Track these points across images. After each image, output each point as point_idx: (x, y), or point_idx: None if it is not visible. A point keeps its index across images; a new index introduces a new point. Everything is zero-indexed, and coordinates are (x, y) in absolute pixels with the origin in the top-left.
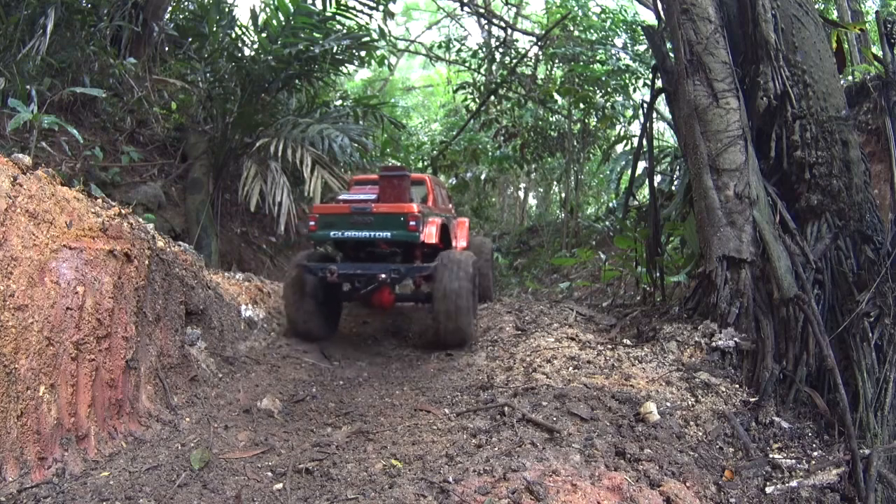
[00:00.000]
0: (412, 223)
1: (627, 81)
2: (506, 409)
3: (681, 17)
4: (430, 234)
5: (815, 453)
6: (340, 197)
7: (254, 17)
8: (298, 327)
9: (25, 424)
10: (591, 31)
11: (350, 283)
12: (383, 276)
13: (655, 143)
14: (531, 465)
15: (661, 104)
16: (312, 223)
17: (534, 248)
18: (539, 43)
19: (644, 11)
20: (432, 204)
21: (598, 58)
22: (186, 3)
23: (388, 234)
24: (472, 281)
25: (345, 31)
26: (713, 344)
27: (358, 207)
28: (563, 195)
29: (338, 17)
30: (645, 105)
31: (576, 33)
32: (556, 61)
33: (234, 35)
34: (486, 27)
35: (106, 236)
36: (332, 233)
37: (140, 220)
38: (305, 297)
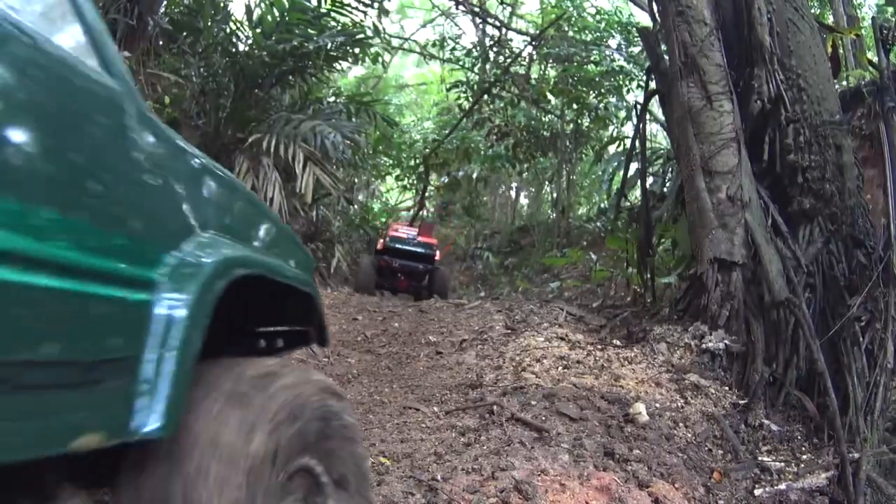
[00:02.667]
0: (434, 246)
1: (621, 82)
2: (495, 407)
3: (676, 18)
4: (438, 253)
5: (805, 456)
6: (401, 229)
7: (248, 12)
8: (361, 283)
9: None
10: (586, 31)
11: (401, 269)
12: (420, 266)
13: (648, 144)
14: (520, 465)
15: (655, 106)
16: (389, 237)
17: (525, 248)
18: (533, 43)
19: (639, 13)
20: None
21: (592, 58)
22: None
23: (423, 249)
24: (448, 275)
25: (339, 27)
26: (703, 346)
27: (410, 235)
28: (555, 195)
29: (332, 14)
30: (638, 106)
31: (570, 34)
32: (550, 61)
33: (228, 30)
34: (481, 26)
35: None
36: (396, 244)
37: None
38: (373, 272)
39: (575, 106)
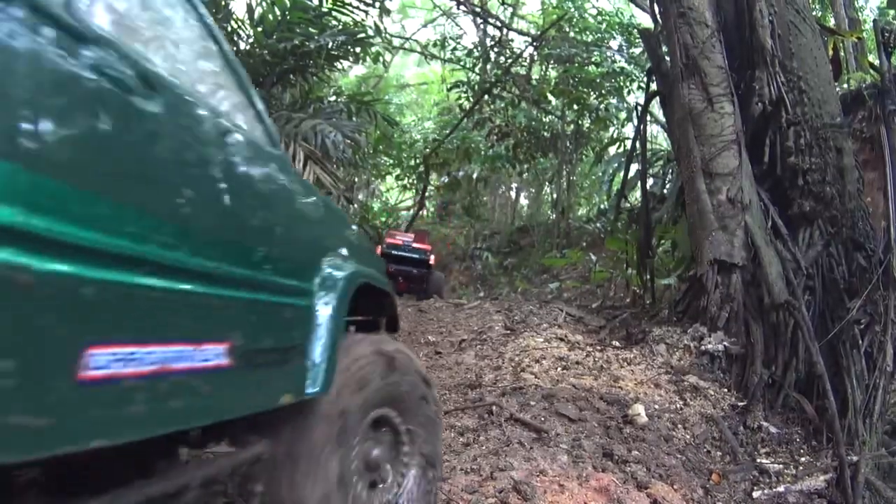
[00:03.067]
0: (428, 251)
1: (622, 84)
2: (494, 408)
3: (677, 20)
4: (432, 258)
5: (803, 459)
6: (397, 236)
7: (250, 11)
8: None
9: None
10: (587, 32)
11: (398, 273)
12: (415, 271)
13: (648, 145)
14: (518, 465)
15: (655, 107)
16: (386, 244)
17: (524, 248)
18: (534, 43)
19: (640, 14)
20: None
21: (593, 59)
22: None
23: (417, 255)
24: (443, 277)
25: (340, 26)
26: (702, 347)
27: (406, 242)
28: (555, 196)
29: (334, 13)
30: (639, 108)
31: (571, 35)
32: (551, 62)
33: (229, 29)
34: (482, 26)
35: None
36: (393, 250)
37: None
38: None
39: (575, 107)
